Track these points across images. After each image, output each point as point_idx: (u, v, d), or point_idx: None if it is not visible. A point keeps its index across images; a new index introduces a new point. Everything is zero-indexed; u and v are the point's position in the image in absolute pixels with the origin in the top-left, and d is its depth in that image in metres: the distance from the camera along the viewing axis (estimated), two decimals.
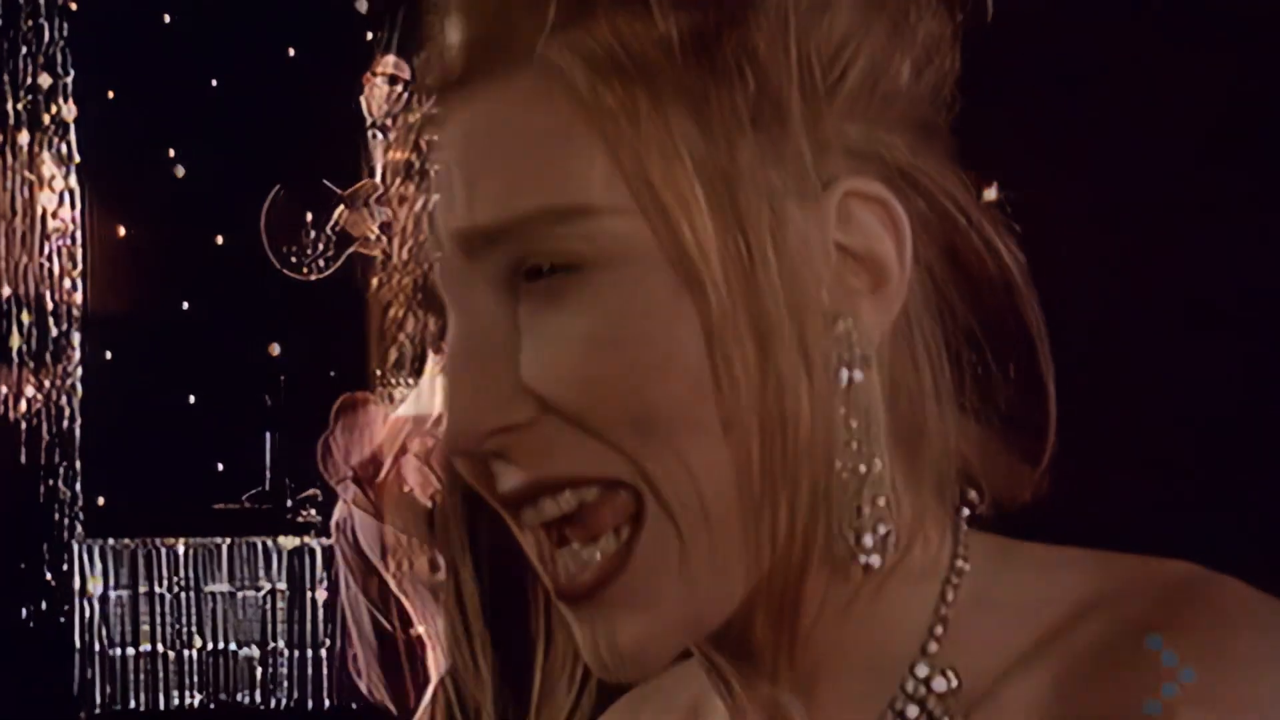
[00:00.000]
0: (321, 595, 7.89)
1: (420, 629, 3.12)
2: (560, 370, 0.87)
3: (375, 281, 3.05)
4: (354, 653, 3.16)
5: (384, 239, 9.02)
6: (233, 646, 7.98)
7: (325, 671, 7.91)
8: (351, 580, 3.01)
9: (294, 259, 9.02)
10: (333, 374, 9.08)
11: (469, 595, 1.05)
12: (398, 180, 2.95)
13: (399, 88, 9.04)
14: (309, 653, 7.92)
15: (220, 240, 10.15)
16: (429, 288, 2.64)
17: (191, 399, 9.82)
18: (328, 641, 7.92)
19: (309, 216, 9.00)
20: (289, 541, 7.98)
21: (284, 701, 7.94)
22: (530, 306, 0.89)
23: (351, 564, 3.01)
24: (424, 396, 2.92)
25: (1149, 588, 0.87)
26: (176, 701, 7.96)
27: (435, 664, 3.12)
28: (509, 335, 0.89)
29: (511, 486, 0.89)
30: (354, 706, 7.90)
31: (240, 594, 7.98)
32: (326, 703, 7.92)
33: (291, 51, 10.29)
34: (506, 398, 0.88)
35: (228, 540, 8.02)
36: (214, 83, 10.30)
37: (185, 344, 9.99)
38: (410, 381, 8.29)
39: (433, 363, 2.93)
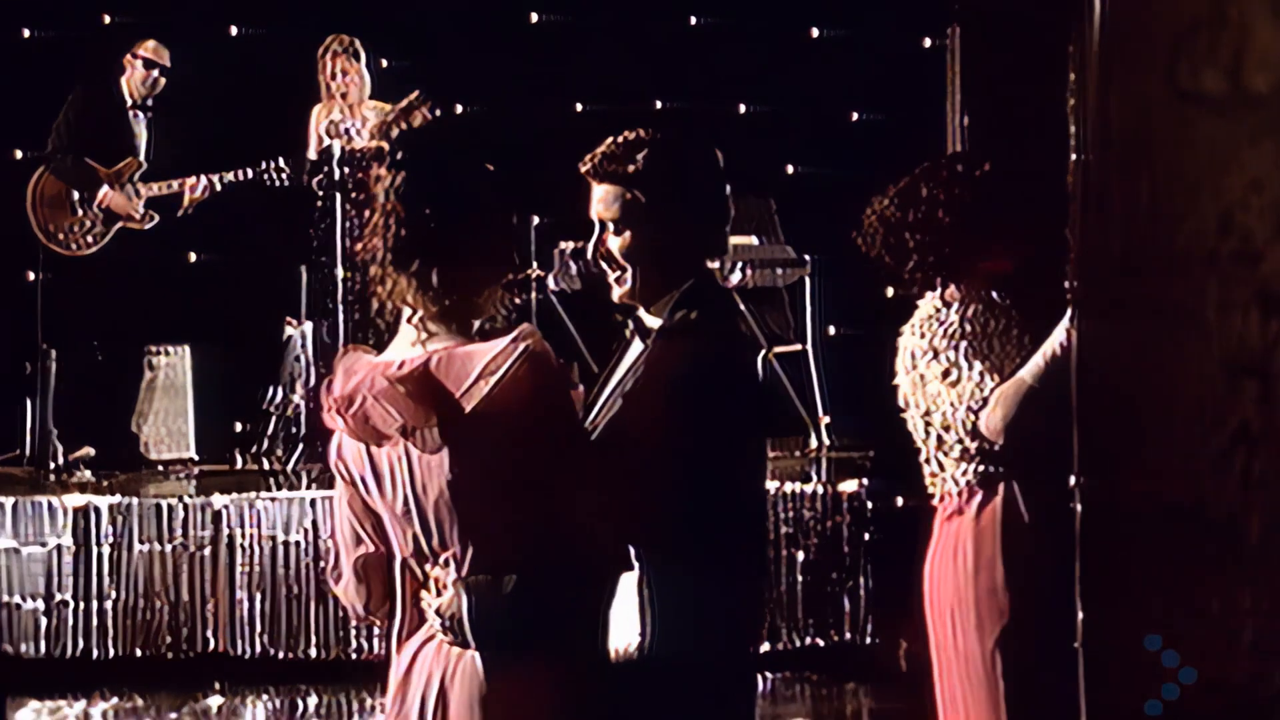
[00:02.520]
0: (107, 551, 8.37)
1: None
2: None
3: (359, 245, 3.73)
4: (332, 560, 3.81)
5: (151, 215, 9.50)
6: (17, 600, 8.38)
7: (110, 623, 8.37)
8: (342, 493, 3.71)
9: (60, 235, 9.43)
10: (95, 343, 9.55)
11: None
12: (375, 163, 3.68)
13: (155, 71, 9.54)
14: (94, 605, 8.38)
15: None
16: (411, 252, 3.47)
17: None
18: (113, 594, 8.39)
19: (75, 194, 9.42)
20: (74, 499, 8.42)
21: (69, 652, 8.37)
22: None
23: (343, 479, 3.71)
24: (397, 344, 3.62)
25: None
26: None
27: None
28: None
29: None
30: (139, 654, 8.43)
31: (25, 549, 8.38)
32: (111, 653, 8.37)
33: (26, 32, 10.64)
34: None
35: (11, 499, 8.42)
36: None
37: None
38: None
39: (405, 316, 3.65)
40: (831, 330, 10.13)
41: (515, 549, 3.42)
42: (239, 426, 10.18)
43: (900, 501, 9.20)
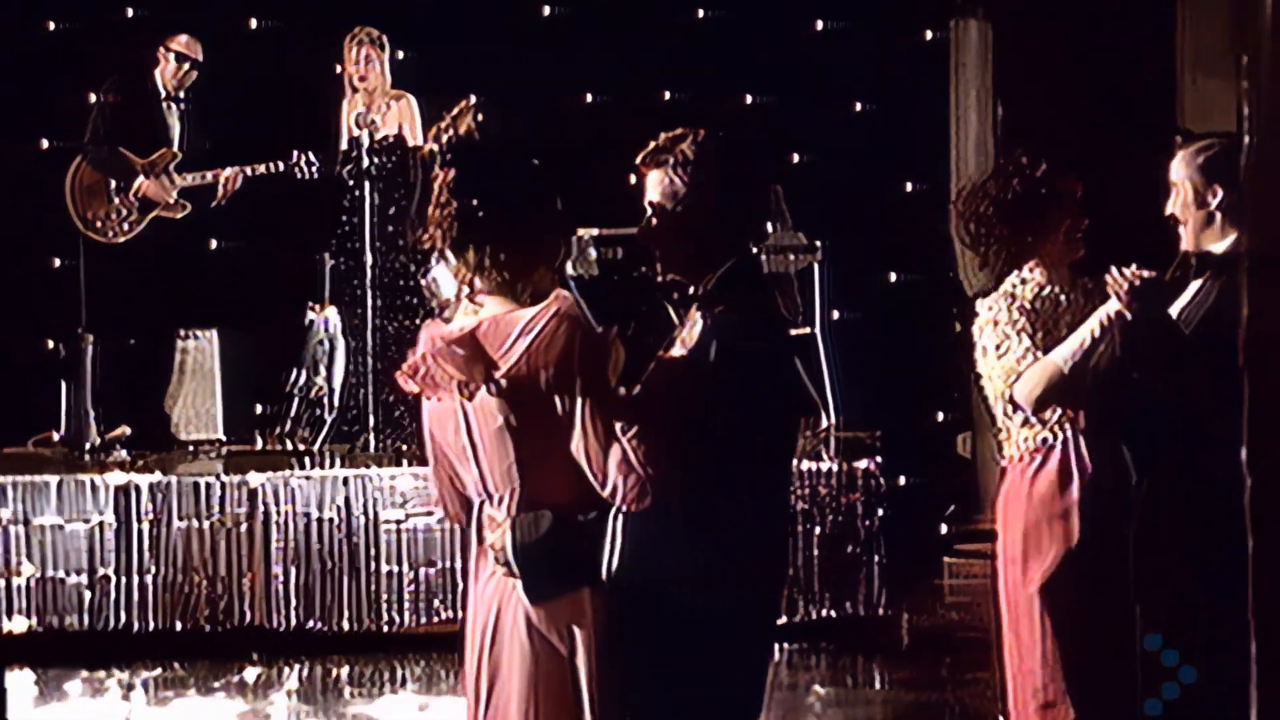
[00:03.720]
0: (147, 527, 8.67)
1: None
2: None
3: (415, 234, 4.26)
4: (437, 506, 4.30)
5: (184, 204, 9.80)
6: (61, 574, 8.68)
7: (151, 597, 8.68)
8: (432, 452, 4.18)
9: (98, 223, 9.72)
10: (129, 328, 9.85)
11: None
12: (435, 163, 4.04)
13: (187, 65, 9.83)
14: (135, 579, 8.68)
15: None
16: (467, 239, 3.89)
17: None
18: (153, 569, 8.68)
19: (111, 184, 9.71)
20: (115, 478, 8.72)
21: (112, 624, 8.68)
22: None
23: (431, 439, 4.18)
24: (461, 314, 4.09)
25: None
26: (8, 625, 8.63)
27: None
28: None
29: None
30: (178, 628, 8.73)
31: (69, 526, 8.68)
32: (152, 625, 8.67)
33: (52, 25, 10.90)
34: None
35: (56, 478, 8.73)
36: None
37: None
38: None
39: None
40: (835, 315, 10.43)
41: (555, 491, 3.90)
42: (259, 408, 10.50)
43: (903, 480, 9.57)
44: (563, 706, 3.91)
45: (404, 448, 9.37)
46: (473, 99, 4.01)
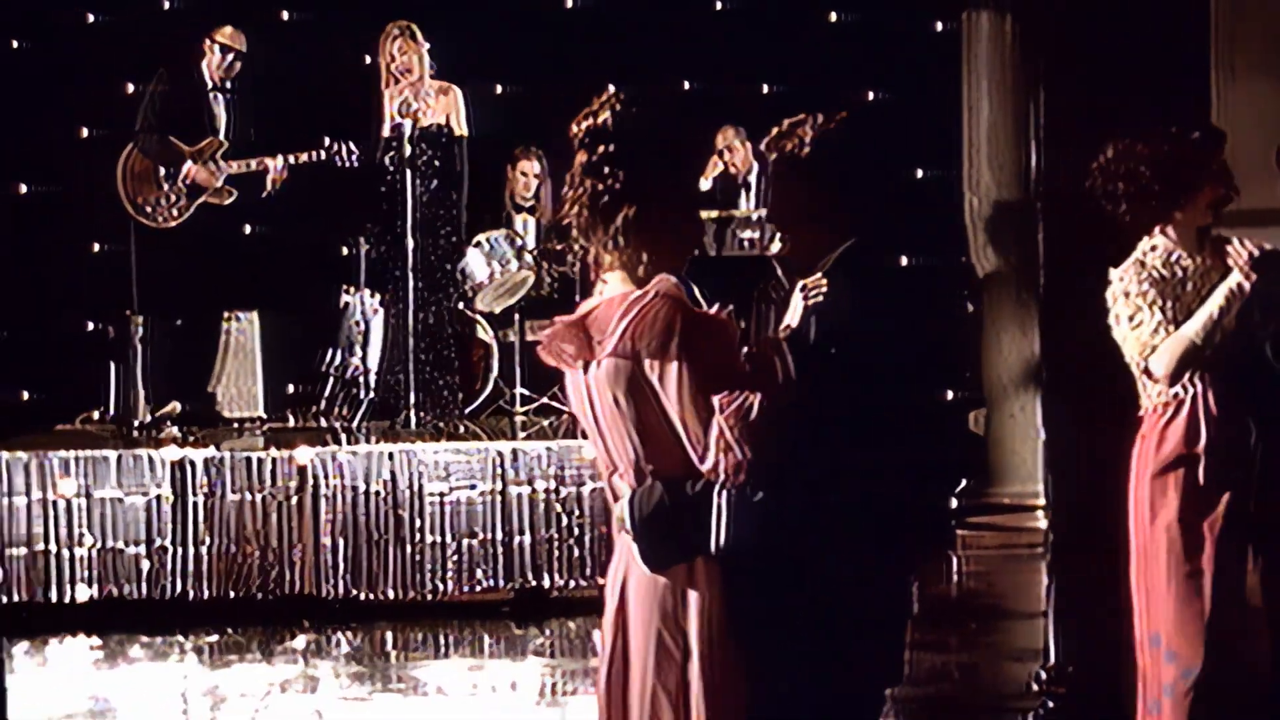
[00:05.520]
0: (202, 500, 9.04)
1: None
2: None
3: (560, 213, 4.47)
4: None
5: (230, 190, 10.16)
6: (121, 545, 9.06)
7: (206, 567, 9.07)
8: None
9: (148, 208, 10.08)
10: (177, 309, 10.21)
11: None
12: (577, 152, 4.30)
13: (231, 55, 10.19)
14: (191, 550, 9.07)
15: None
16: (597, 218, 4.30)
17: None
18: (208, 540, 9.06)
19: (161, 171, 10.08)
20: (171, 453, 9.10)
21: (169, 593, 9.07)
22: None
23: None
24: (594, 295, 4.38)
25: None
26: (70, 594, 9.03)
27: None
28: None
29: None
30: (232, 596, 9.11)
31: (128, 499, 9.07)
32: (206, 594, 9.04)
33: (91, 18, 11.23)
34: None
35: (115, 453, 9.11)
36: (14, 44, 11.13)
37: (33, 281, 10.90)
38: None
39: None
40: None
41: (670, 463, 4.11)
42: (292, 388, 10.89)
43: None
44: (676, 666, 4.15)
45: (442, 425, 9.76)
46: (612, 89, 4.24)
